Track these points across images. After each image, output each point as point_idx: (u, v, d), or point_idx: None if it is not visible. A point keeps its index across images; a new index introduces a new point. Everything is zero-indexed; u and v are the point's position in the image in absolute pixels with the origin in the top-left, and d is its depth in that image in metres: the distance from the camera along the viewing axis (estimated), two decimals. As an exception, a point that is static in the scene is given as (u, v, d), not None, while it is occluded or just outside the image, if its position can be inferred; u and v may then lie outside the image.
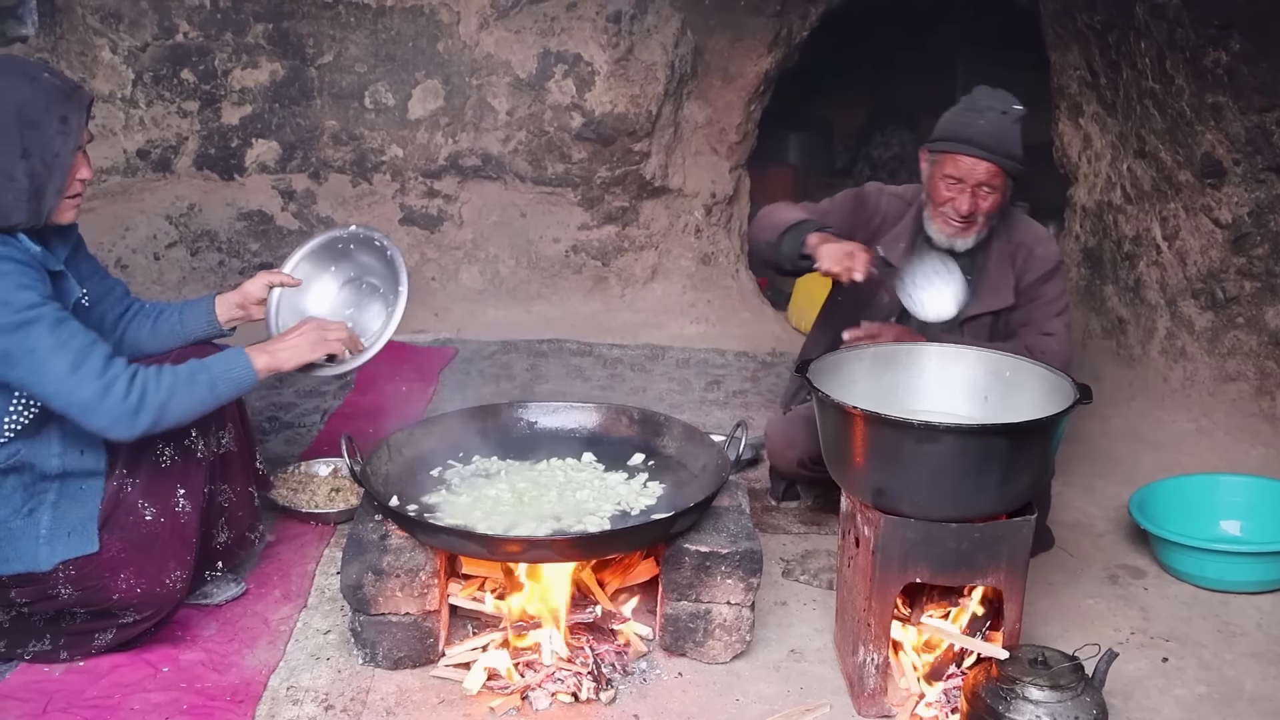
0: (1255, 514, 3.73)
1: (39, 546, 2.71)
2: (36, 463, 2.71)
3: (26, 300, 2.54)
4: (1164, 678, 3.01)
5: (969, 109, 3.33)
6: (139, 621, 2.85)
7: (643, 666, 2.92)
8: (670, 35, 5.65)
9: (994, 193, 3.30)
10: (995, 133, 3.24)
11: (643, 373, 5.32)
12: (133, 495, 2.82)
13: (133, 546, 2.78)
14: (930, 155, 3.40)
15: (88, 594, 2.76)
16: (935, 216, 3.39)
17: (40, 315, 2.54)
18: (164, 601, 2.86)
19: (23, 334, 2.53)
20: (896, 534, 2.62)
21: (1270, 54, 4.02)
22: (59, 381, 2.54)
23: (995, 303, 3.43)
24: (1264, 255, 4.31)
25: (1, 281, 2.53)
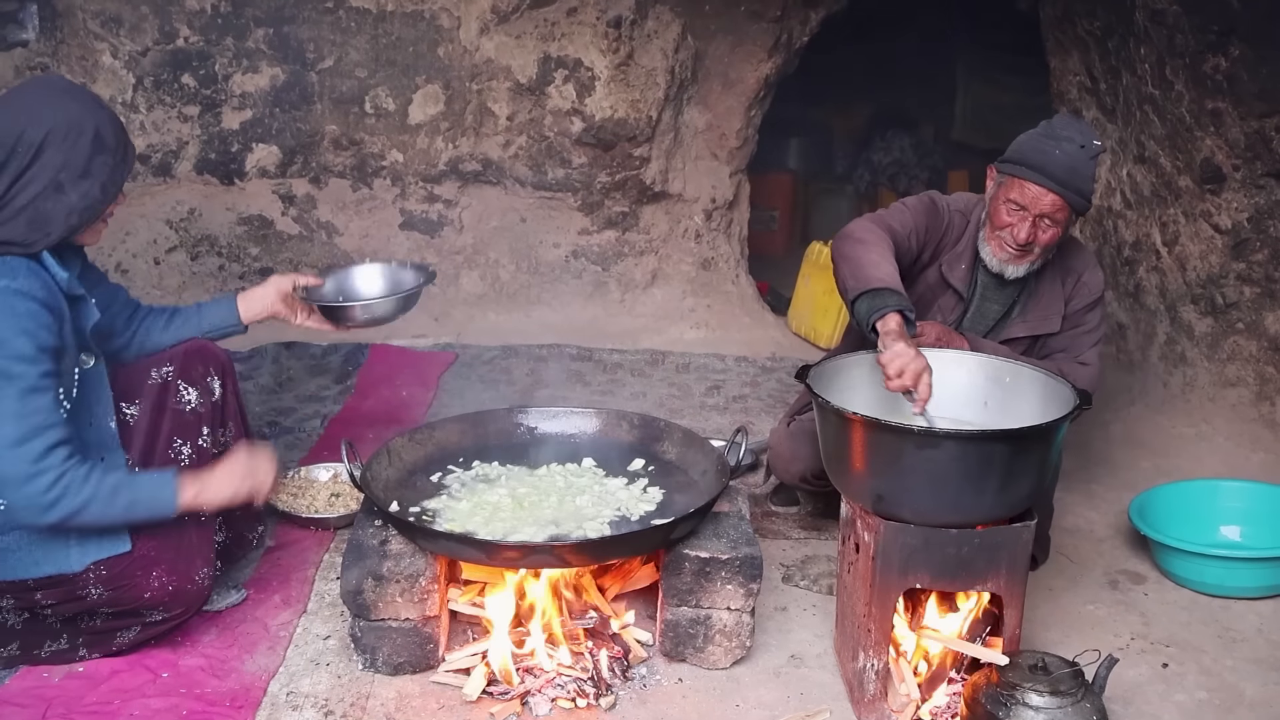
0: (1255, 519, 3.74)
1: (69, 548, 2.70)
2: None
3: (19, 350, 2.52)
4: (1164, 683, 3.01)
5: (1047, 136, 3.15)
6: (167, 620, 2.86)
7: (643, 672, 2.92)
8: (671, 40, 5.66)
9: (1055, 226, 3.17)
10: (1069, 165, 3.09)
11: (643, 378, 5.32)
12: None
13: (163, 544, 2.79)
14: (998, 175, 3.25)
15: (118, 593, 2.76)
16: (991, 238, 3.27)
17: (21, 374, 2.53)
18: (193, 599, 2.87)
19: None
20: (896, 540, 2.62)
21: (1269, 60, 4.03)
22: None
23: (1043, 327, 3.37)
24: (1263, 261, 4.32)
25: (10, 320, 2.53)
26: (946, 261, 3.38)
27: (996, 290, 3.37)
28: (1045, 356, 3.38)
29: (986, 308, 3.40)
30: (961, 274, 3.37)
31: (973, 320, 3.41)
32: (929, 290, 3.40)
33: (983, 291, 3.39)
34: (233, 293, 3.30)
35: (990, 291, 3.38)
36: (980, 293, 3.39)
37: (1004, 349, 3.28)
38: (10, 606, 2.83)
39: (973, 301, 3.39)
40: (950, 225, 3.40)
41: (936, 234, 3.38)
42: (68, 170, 2.60)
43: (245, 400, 3.41)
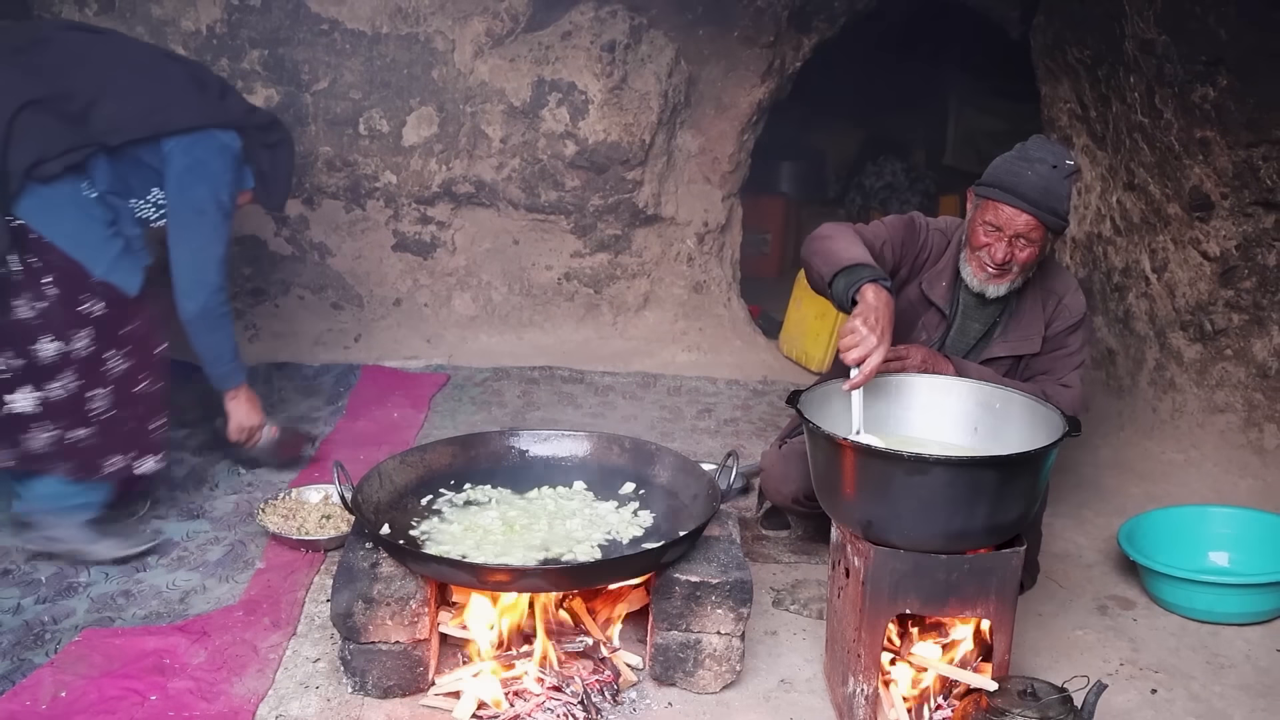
0: (1243, 545, 3.75)
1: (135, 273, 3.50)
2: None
3: (231, 195, 3.76)
4: (1153, 709, 3.02)
5: (1020, 158, 3.19)
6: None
7: (632, 696, 2.91)
8: (664, 65, 5.69)
9: (1031, 245, 3.20)
10: (1043, 186, 3.13)
11: (634, 400, 5.33)
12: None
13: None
14: (975, 197, 3.29)
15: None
16: (970, 259, 3.31)
17: (228, 214, 3.73)
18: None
19: (222, 215, 3.69)
20: (886, 565, 2.63)
21: (1257, 90, 4.06)
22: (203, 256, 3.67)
23: (1023, 348, 3.40)
24: (1251, 288, 4.34)
25: (234, 173, 3.72)
26: (927, 280, 3.42)
27: (978, 309, 3.41)
28: (1028, 378, 3.41)
29: (968, 326, 3.43)
30: (942, 292, 3.41)
31: (955, 338, 3.43)
32: (911, 308, 3.43)
33: (964, 310, 3.42)
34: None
35: (972, 310, 3.41)
36: (962, 311, 3.42)
37: (988, 372, 3.30)
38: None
39: (955, 320, 3.43)
40: (928, 244, 3.44)
41: (913, 250, 3.42)
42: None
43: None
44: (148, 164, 3.57)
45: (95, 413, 3.46)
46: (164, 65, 3.76)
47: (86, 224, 3.41)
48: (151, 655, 2.99)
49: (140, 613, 3.26)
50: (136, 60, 3.69)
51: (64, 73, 3.43)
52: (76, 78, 3.44)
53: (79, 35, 3.71)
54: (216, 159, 3.65)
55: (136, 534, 3.69)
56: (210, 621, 3.19)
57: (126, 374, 3.51)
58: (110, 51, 3.64)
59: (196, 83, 3.73)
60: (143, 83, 3.58)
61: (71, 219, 3.38)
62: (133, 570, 3.50)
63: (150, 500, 3.94)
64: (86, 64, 3.50)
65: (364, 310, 5.90)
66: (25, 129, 3.28)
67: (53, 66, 3.43)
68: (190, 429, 4.59)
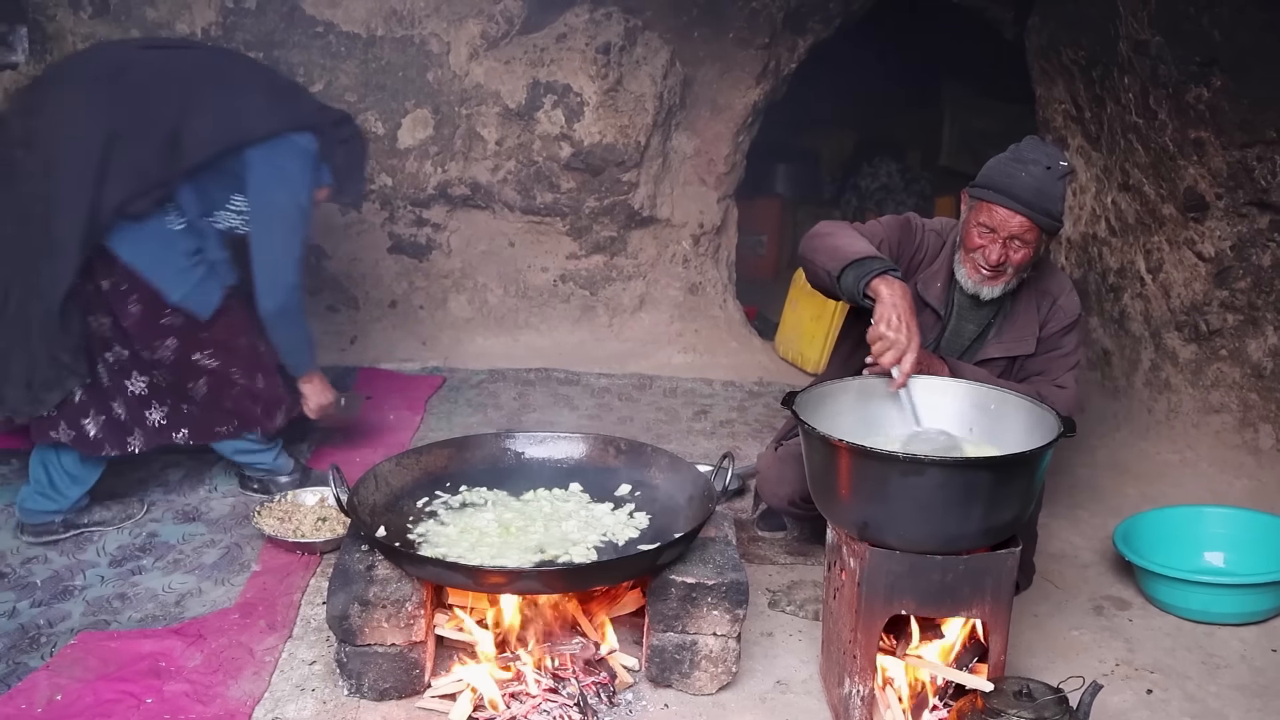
0: (1239, 546, 3.75)
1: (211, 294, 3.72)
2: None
3: (311, 197, 3.83)
4: (1148, 710, 3.02)
5: (1014, 159, 3.19)
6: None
7: (629, 698, 2.91)
8: (659, 67, 5.69)
9: (1025, 247, 3.21)
10: (1036, 187, 3.13)
11: (630, 402, 5.33)
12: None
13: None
14: (969, 199, 3.30)
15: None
16: (965, 261, 3.31)
17: (307, 214, 3.81)
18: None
19: (300, 217, 3.77)
20: (882, 566, 2.63)
21: (1251, 91, 4.07)
22: (281, 256, 3.76)
23: (1018, 349, 3.41)
24: (1246, 289, 4.35)
25: (312, 175, 3.81)
26: (922, 280, 3.42)
27: (972, 310, 3.41)
28: (1023, 379, 3.42)
29: (963, 327, 3.43)
30: (937, 292, 3.41)
31: (950, 339, 3.44)
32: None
33: (959, 311, 3.42)
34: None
35: (966, 311, 3.41)
36: (957, 312, 3.42)
37: (983, 373, 3.30)
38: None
39: (950, 321, 3.43)
40: (923, 244, 3.45)
41: (909, 250, 3.43)
42: None
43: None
44: (230, 171, 3.69)
45: (196, 396, 3.80)
46: (239, 74, 3.90)
47: (168, 256, 3.64)
48: (147, 658, 2.99)
49: (136, 615, 3.26)
50: (212, 72, 3.82)
51: (148, 98, 3.60)
52: (160, 102, 3.60)
53: (155, 55, 3.86)
54: (295, 162, 3.76)
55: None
56: (206, 624, 3.19)
57: (217, 370, 3.80)
58: (186, 68, 3.79)
59: (271, 88, 3.88)
60: (221, 96, 3.71)
61: (155, 251, 3.61)
62: (128, 573, 3.50)
63: (147, 504, 3.97)
64: (168, 85, 3.66)
65: (360, 312, 5.89)
66: (117, 164, 3.49)
67: (137, 93, 3.59)
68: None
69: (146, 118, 3.56)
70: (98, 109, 3.52)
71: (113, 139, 3.48)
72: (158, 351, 3.69)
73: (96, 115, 3.50)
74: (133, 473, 4.22)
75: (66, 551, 3.62)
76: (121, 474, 4.20)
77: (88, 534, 3.73)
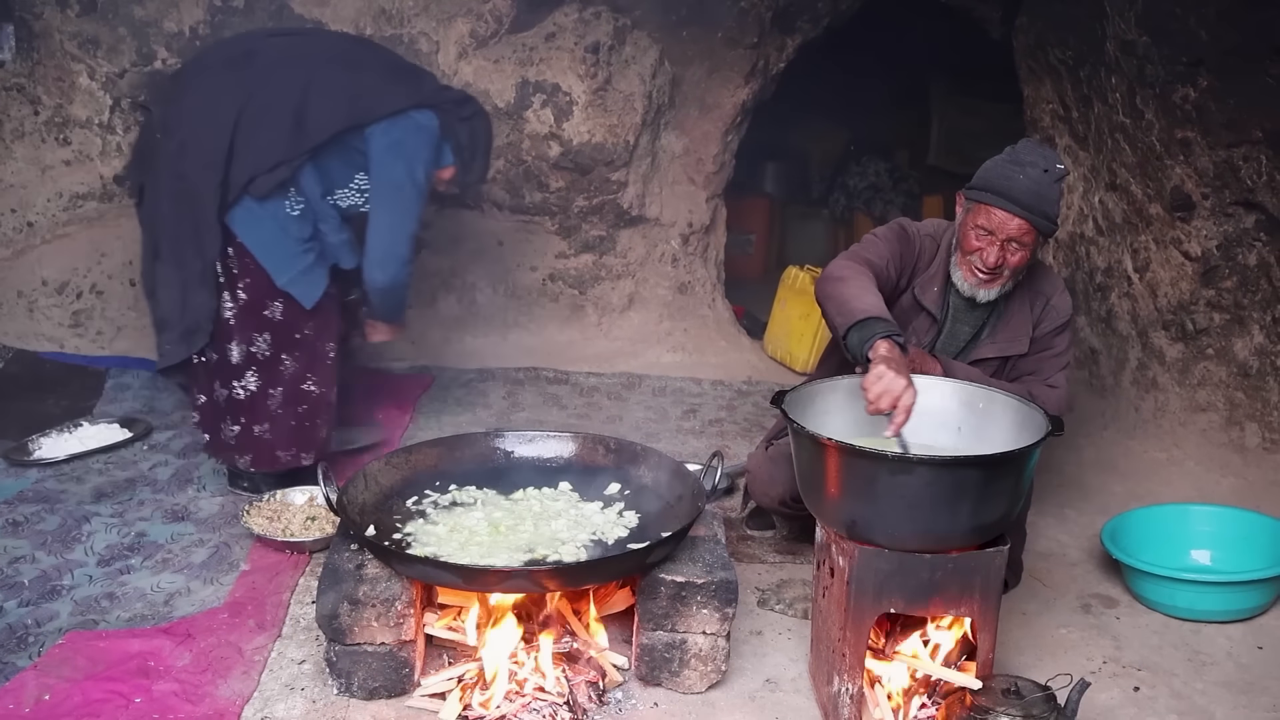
0: (1225, 544, 3.77)
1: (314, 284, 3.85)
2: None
3: (429, 174, 3.97)
4: (1136, 707, 3.04)
5: (1011, 162, 3.20)
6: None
7: (618, 696, 2.92)
8: (648, 66, 5.69)
9: (1023, 249, 3.22)
10: (1033, 190, 3.14)
11: (619, 401, 5.33)
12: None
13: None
14: (966, 202, 3.31)
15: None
16: (962, 264, 3.32)
17: (425, 192, 3.96)
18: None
19: (417, 193, 3.92)
20: (871, 565, 2.64)
21: (1237, 91, 4.09)
22: (396, 232, 3.92)
23: (1011, 349, 3.42)
24: (1232, 288, 4.37)
25: (433, 153, 3.95)
26: (919, 285, 3.43)
27: (967, 312, 3.42)
28: (1015, 379, 3.43)
29: (958, 329, 3.44)
30: (934, 296, 3.41)
31: (945, 341, 3.44)
32: (903, 313, 3.44)
33: (954, 314, 3.43)
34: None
35: (961, 314, 3.42)
36: (952, 314, 3.43)
37: (975, 372, 3.31)
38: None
39: (945, 323, 3.43)
40: (921, 250, 3.45)
41: (910, 259, 3.43)
42: None
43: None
44: (353, 148, 3.86)
45: (271, 408, 3.88)
46: (360, 55, 4.12)
47: (282, 238, 3.79)
48: (136, 658, 2.98)
49: (124, 615, 3.25)
50: (335, 54, 4.06)
51: (273, 81, 3.82)
52: (285, 84, 3.81)
53: (281, 41, 4.14)
54: (414, 138, 3.89)
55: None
56: (195, 624, 3.18)
57: (295, 375, 3.89)
58: (310, 51, 4.05)
59: (391, 67, 4.07)
60: (343, 76, 3.89)
61: (270, 232, 3.78)
62: (116, 573, 3.49)
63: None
64: (292, 67, 3.88)
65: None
66: (244, 144, 3.71)
67: (263, 76, 3.83)
68: (174, 430, 4.59)
69: (272, 99, 3.76)
70: (227, 92, 3.77)
71: (241, 120, 3.71)
72: (254, 344, 3.82)
73: (226, 98, 3.75)
74: (120, 472, 4.21)
75: (54, 551, 3.61)
76: (109, 474, 4.20)
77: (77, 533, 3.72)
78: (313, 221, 3.86)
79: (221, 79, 3.83)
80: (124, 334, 5.45)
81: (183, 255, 3.77)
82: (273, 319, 3.82)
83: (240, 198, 3.71)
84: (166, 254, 3.80)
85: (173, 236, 3.78)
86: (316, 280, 3.86)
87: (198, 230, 3.72)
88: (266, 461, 3.93)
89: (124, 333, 5.45)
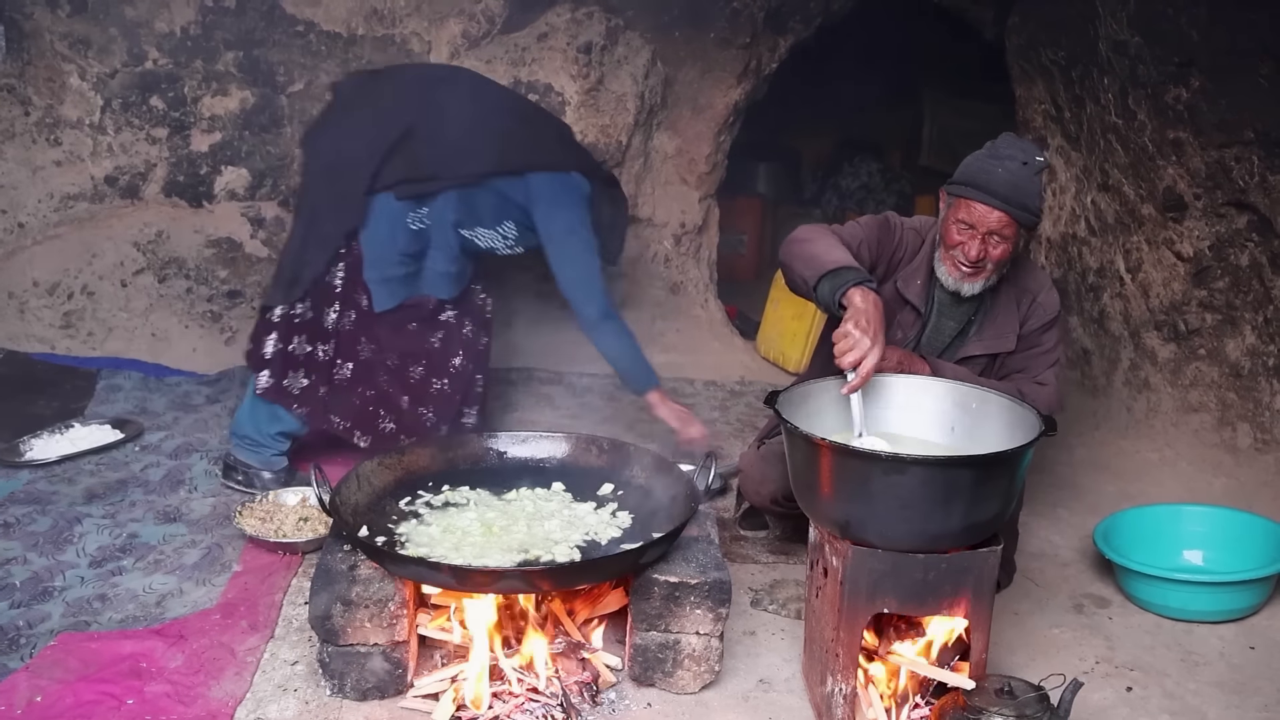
0: (1217, 544, 3.78)
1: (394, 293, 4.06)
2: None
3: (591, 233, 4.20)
4: (1128, 707, 3.04)
5: (991, 156, 3.22)
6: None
7: (611, 697, 2.92)
8: (640, 66, 5.69)
9: (1005, 242, 3.23)
10: (1013, 182, 3.16)
11: (612, 401, 5.32)
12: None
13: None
14: (947, 197, 3.32)
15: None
16: (945, 259, 3.33)
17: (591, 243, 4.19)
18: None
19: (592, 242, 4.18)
20: (864, 564, 2.64)
21: (1228, 91, 4.10)
22: (586, 271, 4.16)
23: (998, 346, 3.43)
24: (1224, 288, 4.38)
25: (588, 213, 4.18)
26: (902, 278, 3.44)
27: (952, 308, 3.43)
28: (1004, 377, 3.43)
29: (943, 324, 3.45)
30: (918, 290, 3.42)
31: (930, 336, 3.45)
32: (887, 306, 3.42)
33: (939, 309, 3.44)
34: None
35: (946, 309, 3.43)
36: (937, 310, 3.44)
37: (964, 371, 3.32)
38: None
39: (930, 318, 3.44)
40: (903, 242, 3.46)
41: (889, 249, 3.44)
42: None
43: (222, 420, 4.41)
44: (507, 196, 4.08)
45: (339, 380, 4.05)
46: (537, 117, 4.47)
47: (387, 239, 3.98)
48: (128, 659, 2.97)
49: (116, 616, 3.24)
50: (514, 107, 4.38)
51: (450, 108, 4.07)
52: (461, 114, 4.05)
53: (479, 80, 4.46)
54: (573, 194, 4.15)
55: None
56: (187, 625, 3.17)
57: (368, 363, 4.07)
58: (496, 99, 4.31)
59: (558, 131, 4.43)
60: (518, 126, 4.20)
61: (381, 229, 3.96)
62: (108, 574, 3.48)
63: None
64: (475, 104, 4.15)
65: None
66: (405, 150, 3.95)
67: (444, 102, 4.10)
68: (166, 431, 4.58)
69: (444, 122, 4.01)
70: (409, 102, 4.08)
71: (411, 130, 3.97)
72: (345, 318, 4.00)
73: (407, 106, 4.05)
74: (112, 473, 4.20)
75: (46, 552, 3.59)
76: (101, 475, 4.19)
77: (69, 534, 3.71)
78: (426, 244, 4.04)
79: (410, 90, 4.18)
80: (115, 335, 5.44)
81: (318, 217, 4.00)
82: (360, 304, 4.01)
83: (383, 191, 3.93)
84: (305, 213, 4.08)
85: (316, 202, 4.05)
86: (394, 292, 4.02)
87: (342, 200, 3.95)
88: (319, 419, 4.04)
89: (115, 334, 5.44)
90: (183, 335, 5.50)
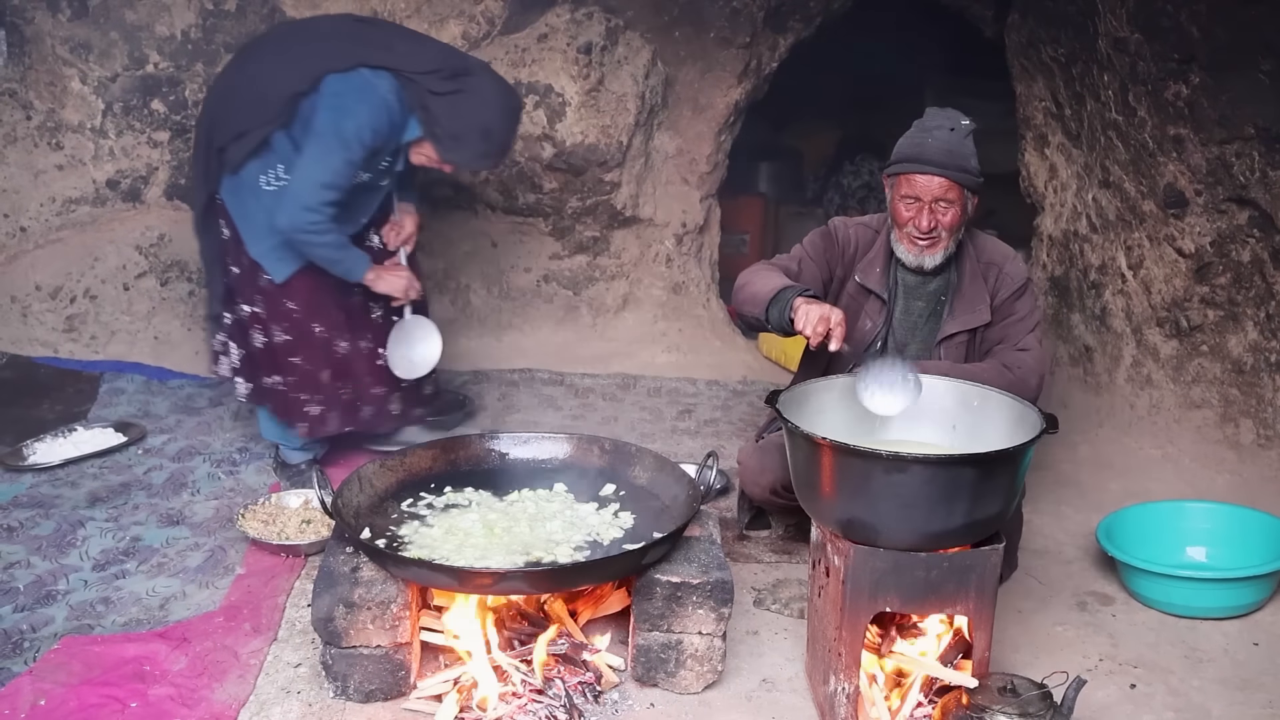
0: (1221, 540, 3.77)
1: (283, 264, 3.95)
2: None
3: (361, 134, 3.74)
4: (1132, 704, 3.04)
5: (919, 130, 3.38)
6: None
7: (615, 697, 2.92)
8: (641, 66, 5.69)
9: (952, 206, 3.32)
10: (945, 148, 3.29)
11: (614, 402, 5.33)
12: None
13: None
14: (889, 180, 3.44)
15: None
16: (901, 238, 3.42)
17: (351, 149, 3.75)
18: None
19: (338, 144, 3.73)
20: (866, 563, 2.64)
21: (1229, 87, 4.09)
22: (302, 177, 3.77)
23: (973, 320, 3.46)
24: (1226, 284, 4.37)
25: (370, 111, 3.75)
26: (860, 270, 3.53)
27: (919, 288, 3.50)
28: (987, 351, 3.47)
29: (911, 306, 3.52)
30: (877, 277, 3.50)
31: (900, 319, 3.52)
32: (853, 300, 3.52)
33: (905, 291, 3.51)
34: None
35: (912, 290, 3.51)
36: (903, 293, 3.51)
37: (945, 364, 3.34)
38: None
39: (896, 302, 3.51)
40: (850, 239, 3.59)
41: (837, 252, 3.58)
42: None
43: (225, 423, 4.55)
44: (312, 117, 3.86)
45: (270, 365, 4.04)
46: (347, 28, 4.15)
47: (255, 210, 3.87)
48: (131, 662, 2.98)
49: (120, 620, 3.24)
50: (326, 31, 4.13)
51: (265, 56, 3.97)
52: (274, 59, 3.93)
53: (305, 23, 4.45)
54: (353, 94, 3.77)
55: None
56: (190, 628, 3.18)
57: (284, 346, 4.01)
58: (322, 29, 4.19)
59: (359, 34, 4.02)
60: (312, 45, 3.96)
61: (246, 203, 3.89)
62: (111, 577, 3.48)
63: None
64: (286, 44, 4.06)
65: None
66: (224, 115, 3.88)
67: (261, 53, 4.02)
68: (168, 435, 4.58)
69: (256, 74, 3.89)
70: (234, 69, 4.04)
71: (230, 92, 3.92)
72: (255, 305, 3.97)
73: (230, 73, 4.03)
74: (115, 477, 4.20)
75: (49, 556, 3.60)
76: (104, 479, 4.20)
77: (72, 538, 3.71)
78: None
79: (238, 58, 4.11)
80: (117, 338, 5.44)
81: (201, 228, 4.05)
82: (262, 286, 3.95)
83: (220, 172, 3.87)
84: (197, 229, 4.11)
85: (196, 212, 4.06)
86: (289, 257, 3.91)
87: (204, 202, 3.99)
88: (288, 412, 4.08)
89: (118, 337, 5.45)
90: (185, 338, 5.50)
